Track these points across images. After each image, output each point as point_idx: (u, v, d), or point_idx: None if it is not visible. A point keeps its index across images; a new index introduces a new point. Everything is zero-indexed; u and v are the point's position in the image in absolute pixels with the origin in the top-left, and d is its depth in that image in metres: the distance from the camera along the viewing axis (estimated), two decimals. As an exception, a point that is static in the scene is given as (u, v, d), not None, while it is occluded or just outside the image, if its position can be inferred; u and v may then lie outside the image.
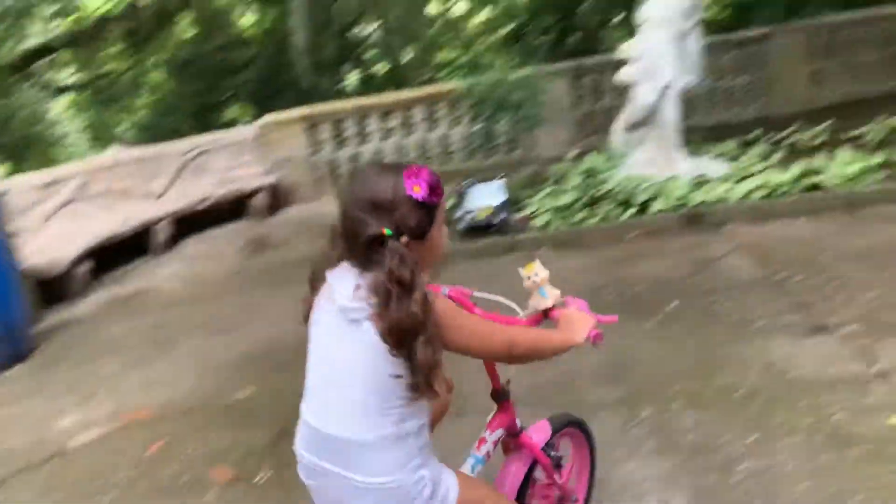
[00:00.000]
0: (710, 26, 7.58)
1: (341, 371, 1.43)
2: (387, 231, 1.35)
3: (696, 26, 5.86)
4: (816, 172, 5.30)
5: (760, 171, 5.63)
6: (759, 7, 9.95)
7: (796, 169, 5.40)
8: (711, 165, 6.04)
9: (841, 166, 5.26)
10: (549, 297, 1.72)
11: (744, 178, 5.58)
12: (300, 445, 1.55)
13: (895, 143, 6.15)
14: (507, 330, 1.53)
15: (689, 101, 6.41)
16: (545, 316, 1.74)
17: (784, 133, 6.88)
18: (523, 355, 1.54)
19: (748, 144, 6.65)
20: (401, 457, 1.42)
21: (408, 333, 1.33)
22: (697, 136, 6.74)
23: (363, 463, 1.41)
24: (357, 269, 1.41)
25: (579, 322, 1.64)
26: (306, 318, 1.55)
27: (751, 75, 8.59)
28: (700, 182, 5.76)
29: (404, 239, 1.37)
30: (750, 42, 8.61)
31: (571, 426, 2.12)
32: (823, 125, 6.87)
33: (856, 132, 6.63)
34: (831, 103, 8.28)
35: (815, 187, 5.24)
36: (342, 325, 1.41)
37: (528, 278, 1.72)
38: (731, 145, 6.64)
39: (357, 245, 1.39)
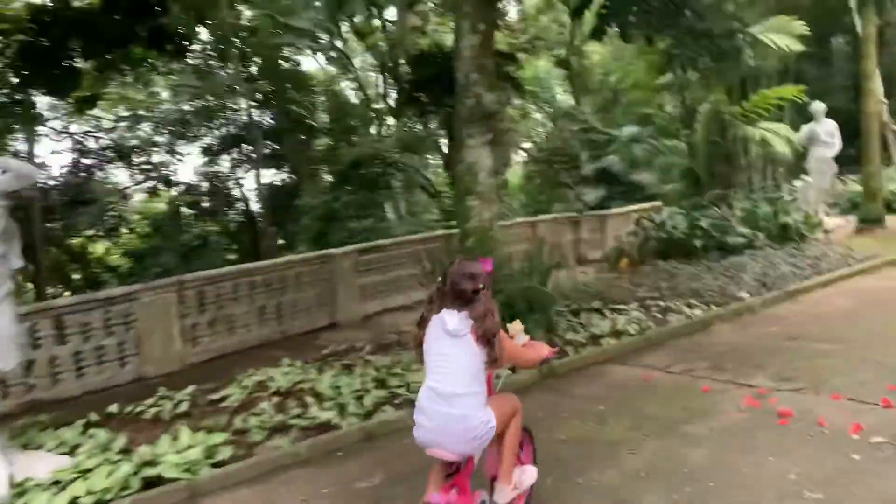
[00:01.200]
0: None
1: (451, 361, 3.14)
2: (481, 286, 3.15)
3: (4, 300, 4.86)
4: (154, 463, 4.65)
5: (96, 466, 4.71)
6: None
7: (133, 461, 4.66)
8: (40, 463, 4.87)
9: (180, 450, 4.75)
10: (524, 338, 3.65)
11: (75, 479, 4.57)
12: (421, 398, 3.22)
13: (253, 405, 6.10)
14: (516, 347, 3.43)
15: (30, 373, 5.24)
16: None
17: (145, 404, 6.26)
18: (523, 361, 3.56)
19: (94, 425, 5.71)
20: (477, 401, 3.14)
21: (491, 337, 3.11)
22: (40, 418, 5.57)
23: (460, 403, 3.09)
24: (458, 309, 3.14)
25: (542, 348, 3.61)
26: (418, 344, 3.29)
27: (118, 336, 7.97)
28: (22, 491, 4.52)
29: (484, 290, 3.19)
30: (117, 300, 8.10)
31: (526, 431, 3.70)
32: (187, 390, 6.52)
33: (218, 395, 6.45)
34: (204, 360, 8.22)
35: (155, 481, 4.56)
36: (450, 340, 3.13)
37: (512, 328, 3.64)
38: (76, 430, 5.60)
39: (464, 296, 3.14)
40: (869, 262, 9.30)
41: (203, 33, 20.13)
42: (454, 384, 3.10)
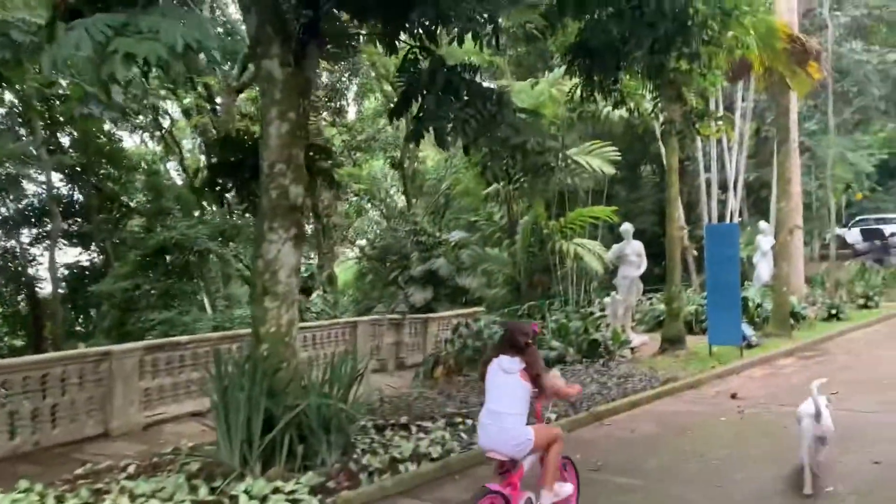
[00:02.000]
0: None
1: (503, 391, 4.47)
2: (529, 341, 4.56)
3: None
4: None
5: None
6: None
7: None
8: None
9: None
10: (561, 381, 5.12)
11: None
12: (482, 415, 4.56)
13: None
14: (556, 384, 4.85)
15: None
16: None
17: None
18: (562, 395, 5.06)
19: None
20: (520, 420, 4.42)
21: (538, 377, 4.50)
22: None
23: (508, 420, 4.38)
24: (511, 355, 4.49)
25: (573, 388, 5.11)
26: (481, 377, 4.71)
27: None
28: None
29: (532, 343, 4.63)
30: None
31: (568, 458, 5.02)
32: None
33: None
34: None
35: None
36: (504, 376, 4.49)
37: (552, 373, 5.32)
38: None
39: (517, 346, 4.51)
40: (671, 384, 9.54)
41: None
42: (504, 407, 4.47)
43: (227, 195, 8.17)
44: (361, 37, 8.60)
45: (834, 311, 15.38)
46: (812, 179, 27.48)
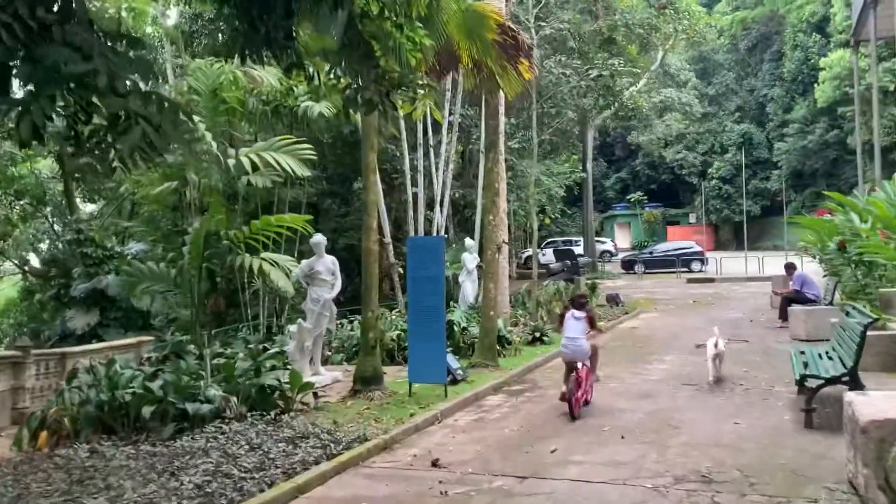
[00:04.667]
0: None
1: (576, 327, 8.86)
2: (585, 302, 9.73)
3: None
4: None
5: None
6: None
7: None
8: None
9: None
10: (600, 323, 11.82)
11: None
12: (564, 341, 8.99)
13: None
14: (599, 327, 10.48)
15: None
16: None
17: None
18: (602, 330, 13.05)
19: None
20: (584, 340, 8.86)
21: (592, 320, 9.15)
22: None
23: (578, 341, 8.81)
24: (579, 309, 9.04)
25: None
26: (560, 322, 9.63)
27: None
28: None
29: (587, 303, 9.58)
30: None
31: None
32: None
33: None
34: None
35: None
36: (574, 321, 8.92)
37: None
38: None
39: (582, 305, 9.16)
40: (356, 448, 7.05)
41: None
42: (577, 334, 8.74)
43: None
44: None
45: (538, 334, 14.49)
46: (514, 199, 28.00)
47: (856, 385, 7.27)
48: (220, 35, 13.44)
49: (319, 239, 11.35)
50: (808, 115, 49.45)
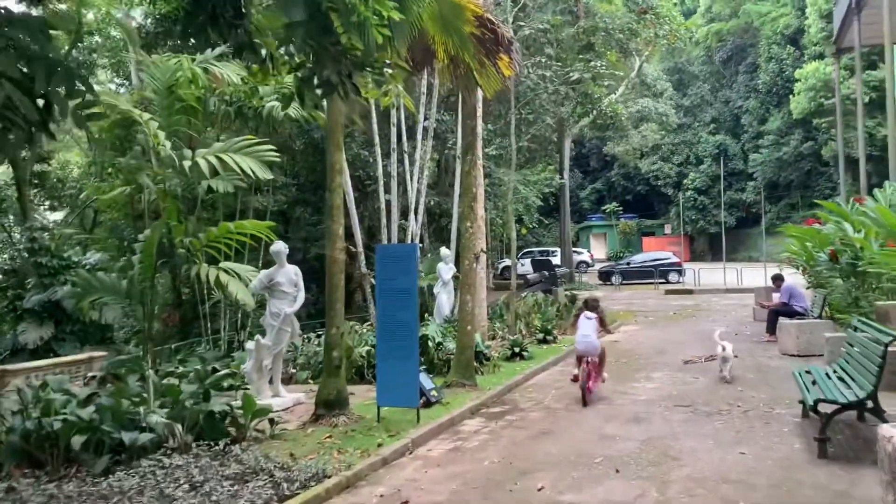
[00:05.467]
0: None
1: (589, 326, 10.31)
2: (597, 305, 10.87)
3: None
4: None
5: None
6: None
7: None
8: None
9: None
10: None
11: None
12: (577, 338, 10.45)
13: None
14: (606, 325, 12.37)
15: None
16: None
17: None
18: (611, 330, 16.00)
19: None
20: (595, 338, 10.25)
21: (602, 321, 10.88)
22: None
23: (590, 338, 10.20)
24: (591, 311, 10.60)
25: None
26: (573, 324, 13.25)
27: None
28: None
29: (598, 306, 10.94)
30: None
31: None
32: None
33: None
34: None
35: None
36: (587, 321, 10.42)
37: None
38: None
39: (594, 308, 10.69)
40: (314, 488, 6.10)
41: None
42: (590, 332, 10.17)
43: None
44: None
45: (517, 349, 13.63)
46: (491, 207, 27.17)
47: (878, 411, 6.51)
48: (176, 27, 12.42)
49: (280, 247, 10.39)
50: (783, 126, 49.58)
